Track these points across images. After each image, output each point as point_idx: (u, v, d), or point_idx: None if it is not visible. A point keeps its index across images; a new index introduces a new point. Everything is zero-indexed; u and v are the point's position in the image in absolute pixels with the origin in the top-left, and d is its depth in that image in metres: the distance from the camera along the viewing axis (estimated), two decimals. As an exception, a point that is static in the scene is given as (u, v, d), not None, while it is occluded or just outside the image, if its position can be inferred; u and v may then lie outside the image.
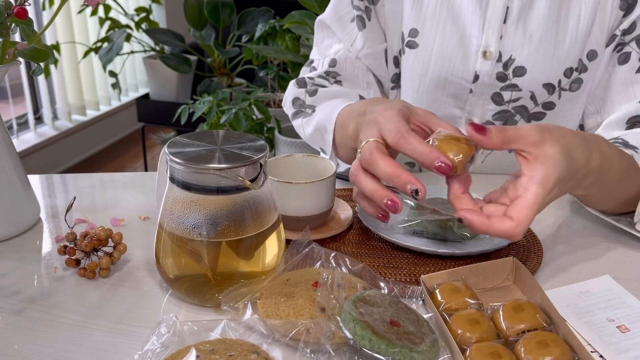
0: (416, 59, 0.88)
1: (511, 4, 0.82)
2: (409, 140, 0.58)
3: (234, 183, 0.54)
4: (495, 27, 0.83)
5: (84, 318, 0.57)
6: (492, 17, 0.83)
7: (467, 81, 0.86)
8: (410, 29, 0.87)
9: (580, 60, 0.83)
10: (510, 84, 0.84)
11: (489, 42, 0.84)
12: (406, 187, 0.57)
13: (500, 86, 0.85)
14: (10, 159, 0.71)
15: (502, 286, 0.62)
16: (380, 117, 0.62)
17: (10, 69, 0.66)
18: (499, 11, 0.82)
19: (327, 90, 0.91)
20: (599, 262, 0.68)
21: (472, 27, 0.84)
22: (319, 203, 0.69)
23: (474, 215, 0.56)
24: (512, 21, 0.82)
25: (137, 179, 0.95)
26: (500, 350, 0.48)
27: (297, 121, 0.92)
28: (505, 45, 0.83)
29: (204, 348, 0.49)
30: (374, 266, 0.65)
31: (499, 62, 0.84)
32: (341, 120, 0.81)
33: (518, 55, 0.83)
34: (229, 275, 0.58)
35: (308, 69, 0.98)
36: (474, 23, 0.84)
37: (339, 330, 0.50)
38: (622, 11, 0.80)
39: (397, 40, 0.91)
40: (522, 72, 0.84)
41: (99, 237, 0.64)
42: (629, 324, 0.56)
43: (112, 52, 2.58)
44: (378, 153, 0.59)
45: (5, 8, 0.61)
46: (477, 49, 0.84)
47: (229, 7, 2.60)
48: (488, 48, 0.84)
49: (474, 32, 0.84)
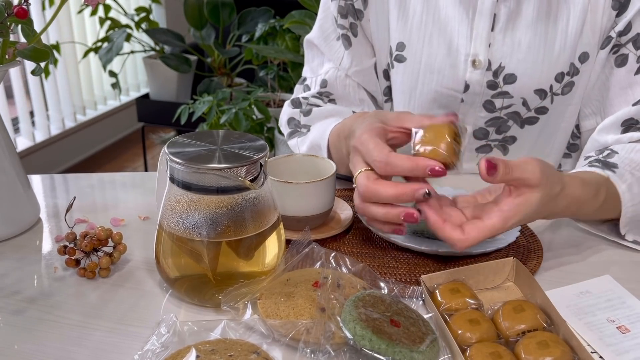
0: (405, 73, 0.88)
1: (498, 11, 0.81)
2: (394, 164, 0.60)
3: (234, 183, 0.54)
4: (483, 36, 0.82)
5: (84, 318, 0.57)
6: (480, 26, 0.82)
7: (457, 91, 0.86)
8: (397, 43, 0.87)
9: (572, 64, 0.82)
10: (502, 91, 0.84)
11: (477, 51, 0.83)
12: (415, 195, 0.59)
13: (491, 94, 0.85)
14: (10, 158, 0.71)
15: (502, 286, 0.62)
16: (360, 147, 0.64)
17: (10, 69, 0.66)
18: (487, 19, 0.81)
19: (321, 110, 0.92)
20: (599, 262, 0.68)
21: (459, 37, 0.83)
22: (319, 203, 0.69)
23: (432, 212, 0.60)
24: (500, 29, 0.82)
25: (137, 179, 0.95)
26: (500, 351, 0.48)
27: (292, 141, 0.93)
28: (494, 54, 0.83)
29: (204, 348, 0.49)
30: (374, 266, 0.65)
31: (488, 70, 0.83)
32: (333, 139, 0.83)
33: (508, 63, 0.83)
34: (229, 275, 0.58)
35: (302, 87, 0.99)
36: (461, 33, 0.83)
37: (339, 330, 0.50)
38: (615, 11, 0.79)
39: (385, 54, 0.91)
40: (513, 79, 0.83)
41: (99, 237, 0.64)
42: (629, 325, 0.56)
43: (112, 52, 2.58)
44: (372, 182, 0.61)
45: (5, 8, 0.61)
46: (466, 59, 0.84)
47: (229, 7, 2.60)
48: (477, 57, 0.83)
49: (461, 41, 0.83)
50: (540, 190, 0.59)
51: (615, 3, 0.79)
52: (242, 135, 0.60)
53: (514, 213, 0.59)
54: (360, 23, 0.91)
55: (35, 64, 0.67)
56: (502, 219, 0.58)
